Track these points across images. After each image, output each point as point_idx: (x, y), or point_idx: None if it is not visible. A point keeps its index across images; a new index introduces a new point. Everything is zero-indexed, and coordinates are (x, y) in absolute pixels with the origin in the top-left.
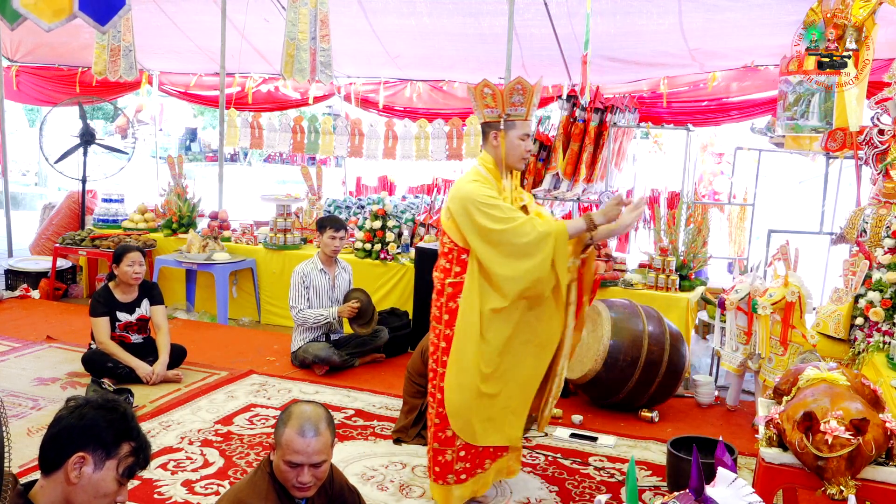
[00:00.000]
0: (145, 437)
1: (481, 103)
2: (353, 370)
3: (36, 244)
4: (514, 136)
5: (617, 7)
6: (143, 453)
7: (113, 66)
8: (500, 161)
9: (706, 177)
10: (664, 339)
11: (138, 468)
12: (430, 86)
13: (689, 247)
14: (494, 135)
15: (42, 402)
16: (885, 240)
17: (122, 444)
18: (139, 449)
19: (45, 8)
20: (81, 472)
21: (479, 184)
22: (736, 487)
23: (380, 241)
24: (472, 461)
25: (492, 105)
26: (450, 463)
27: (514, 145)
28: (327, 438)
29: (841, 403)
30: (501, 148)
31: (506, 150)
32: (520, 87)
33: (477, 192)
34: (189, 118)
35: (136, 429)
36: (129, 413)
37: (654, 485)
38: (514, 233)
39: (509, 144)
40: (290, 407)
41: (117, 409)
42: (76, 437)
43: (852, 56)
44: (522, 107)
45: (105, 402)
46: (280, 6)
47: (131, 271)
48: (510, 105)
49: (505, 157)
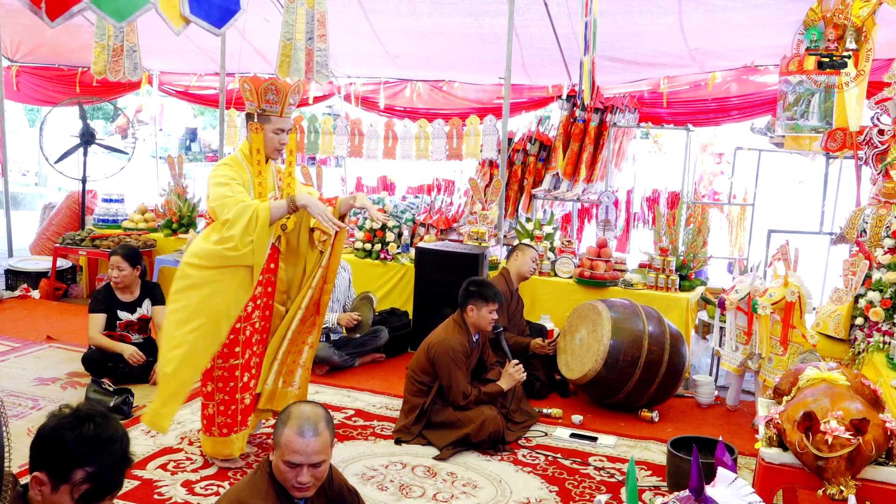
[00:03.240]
0: (114, 461)
1: (244, 96)
2: (353, 370)
3: (36, 244)
4: (269, 130)
5: (617, 7)
6: (104, 480)
7: (115, 66)
8: (257, 150)
9: (706, 177)
10: (664, 339)
11: (103, 494)
12: (430, 86)
13: (689, 247)
14: (250, 125)
15: (42, 402)
16: (885, 240)
17: (74, 470)
18: (97, 475)
19: (173, 12)
20: (42, 492)
21: (224, 166)
22: (736, 487)
23: (380, 241)
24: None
25: (250, 99)
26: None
27: (269, 137)
28: (326, 438)
29: (841, 403)
30: (259, 137)
31: (263, 141)
32: (273, 87)
33: (215, 171)
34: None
35: (101, 453)
36: (103, 435)
37: (654, 485)
38: (222, 207)
39: (265, 136)
40: (290, 407)
41: (87, 428)
42: (38, 455)
43: (852, 56)
44: (277, 104)
45: (83, 417)
46: (280, 6)
47: (111, 275)
48: (265, 102)
49: (264, 147)
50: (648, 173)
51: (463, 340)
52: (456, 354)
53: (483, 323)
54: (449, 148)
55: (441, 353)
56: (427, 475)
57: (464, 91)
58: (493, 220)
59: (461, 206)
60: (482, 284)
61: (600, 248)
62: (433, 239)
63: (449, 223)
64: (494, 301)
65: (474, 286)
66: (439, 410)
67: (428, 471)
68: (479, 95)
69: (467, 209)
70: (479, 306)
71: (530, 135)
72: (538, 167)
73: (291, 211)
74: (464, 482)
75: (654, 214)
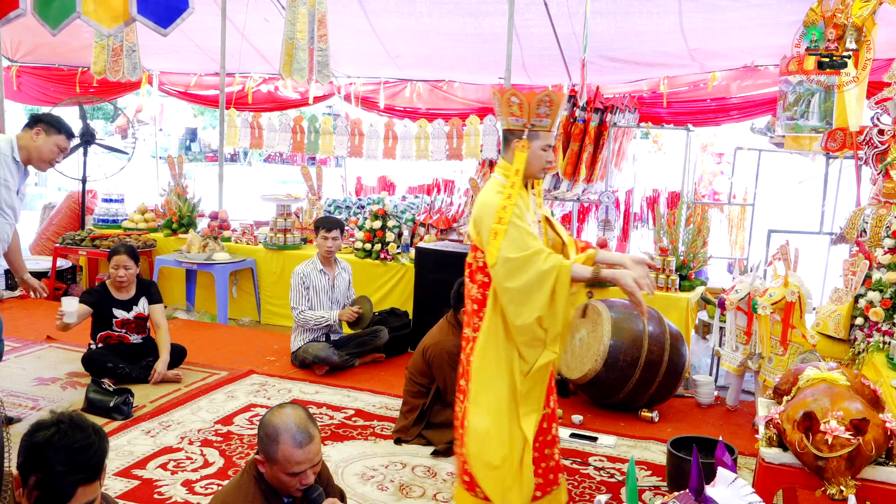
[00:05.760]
0: (66, 471)
1: (506, 110)
2: (353, 370)
3: (36, 244)
4: (537, 147)
5: (617, 7)
6: (50, 488)
7: (115, 66)
8: (516, 170)
9: (706, 177)
10: (664, 339)
11: (55, 503)
12: (431, 86)
13: (689, 247)
14: (517, 143)
15: (42, 402)
16: (885, 240)
17: (29, 475)
18: (44, 483)
19: (103, 14)
20: (17, 493)
21: (501, 196)
22: (736, 487)
23: (380, 241)
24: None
25: (517, 114)
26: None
27: (536, 155)
28: (318, 436)
29: (841, 403)
30: (523, 157)
31: (527, 160)
32: (547, 100)
33: (505, 204)
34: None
35: (52, 460)
36: (59, 443)
37: (654, 485)
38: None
39: (530, 154)
40: (272, 421)
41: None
42: (17, 456)
43: (852, 56)
44: (548, 118)
45: (50, 423)
46: (280, 6)
47: (115, 274)
48: (536, 116)
49: (526, 167)
50: (648, 173)
51: (458, 341)
52: (452, 356)
53: None
54: (449, 148)
55: (436, 355)
56: (427, 475)
57: (464, 91)
58: None
59: (461, 206)
60: None
61: (600, 247)
62: (433, 239)
63: (449, 223)
64: None
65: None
66: (439, 411)
67: (428, 471)
68: (479, 95)
69: (467, 209)
70: None
71: None
72: None
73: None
74: None
75: (654, 214)
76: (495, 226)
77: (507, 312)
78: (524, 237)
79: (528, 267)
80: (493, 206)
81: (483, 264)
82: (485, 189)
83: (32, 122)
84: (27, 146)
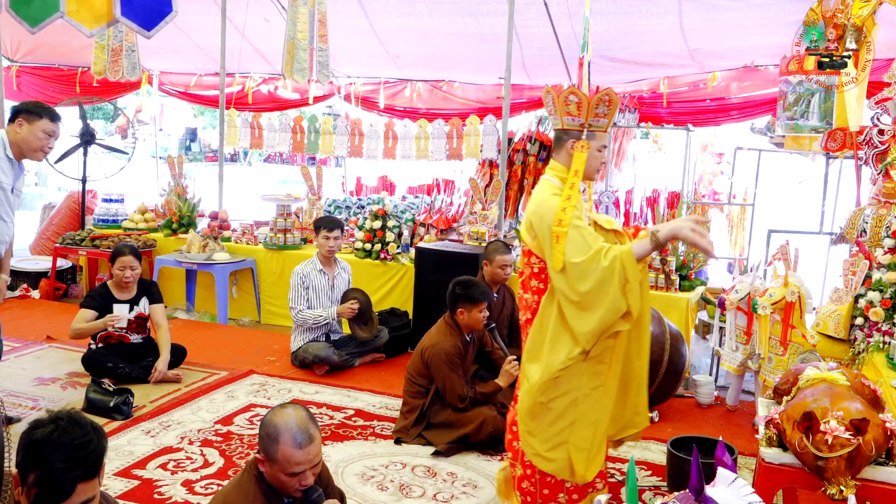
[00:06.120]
0: (66, 468)
1: (563, 110)
2: (353, 370)
3: (36, 244)
4: (594, 147)
5: (617, 7)
6: (49, 486)
7: (114, 66)
8: (574, 171)
9: (706, 177)
10: (664, 339)
11: (53, 501)
12: (430, 86)
13: (689, 247)
14: (572, 144)
15: (42, 402)
16: (885, 240)
17: (28, 473)
18: (43, 480)
19: (86, 14)
20: (16, 491)
21: (559, 198)
22: (736, 487)
23: (380, 241)
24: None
25: (575, 113)
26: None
27: (593, 156)
28: (319, 436)
29: (841, 403)
30: (583, 157)
31: (585, 161)
32: (607, 99)
33: (568, 209)
34: (189, 118)
35: (51, 458)
36: (57, 441)
37: (654, 485)
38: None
39: (588, 155)
40: (273, 420)
41: (41, 431)
42: (16, 454)
43: (852, 56)
44: (605, 118)
45: (49, 421)
46: (280, 6)
47: (122, 275)
48: (594, 115)
49: (584, 168)
50: (648, 173)
51: (456, 342)
52: (450, 357)
53: (474, 323)
54: (449, 148)
55: (435, 356)
56: (427, 475)
57: (464, 91)
58: (493, 220)
59: (461, 206)
60: (468, 286)
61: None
62: (433, 239)
63: (449, 223)
64: (482, 301)
65: (460, 288)
66: (439, 411)
67: (428, 471)
68: (479, 95)
69: (467, 209)
70: (469, 308)
71: (530, 135)
72: (538, 167)
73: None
74: (464, 482)
75: (654, 214)
76: (556, 228)
77: (573, 322)
78: (586, 238)
79: (595, 266)
80: (552, 208)
81: (538, 269)
82: (537, 192)
83: (14, 115)
84: (15, 140)
